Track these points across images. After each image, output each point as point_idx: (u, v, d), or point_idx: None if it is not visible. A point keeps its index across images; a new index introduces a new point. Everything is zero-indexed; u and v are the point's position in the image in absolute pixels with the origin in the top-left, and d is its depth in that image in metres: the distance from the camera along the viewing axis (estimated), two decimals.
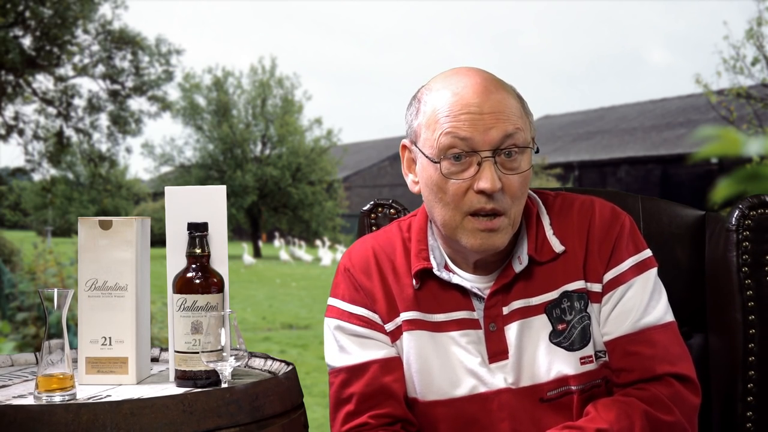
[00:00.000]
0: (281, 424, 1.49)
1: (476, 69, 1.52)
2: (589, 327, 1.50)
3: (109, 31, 16.09)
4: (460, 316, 1.53)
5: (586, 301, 1.50)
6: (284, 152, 26.30)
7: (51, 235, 21.79)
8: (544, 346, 1.50)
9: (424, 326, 1.53)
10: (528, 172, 1.48)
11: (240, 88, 27.13)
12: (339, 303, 1.58)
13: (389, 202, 1.90)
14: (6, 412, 1.32)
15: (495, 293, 1.52)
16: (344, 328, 1.56)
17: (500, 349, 1.51)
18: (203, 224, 1.61)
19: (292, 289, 13.93)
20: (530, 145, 1.48)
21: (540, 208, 1.57)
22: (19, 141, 16.27)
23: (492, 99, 1.46)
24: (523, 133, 1.46)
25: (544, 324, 1.50)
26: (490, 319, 1.51)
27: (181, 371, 1.58)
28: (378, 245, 1.60)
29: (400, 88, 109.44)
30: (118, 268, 1.60)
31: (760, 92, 10.98)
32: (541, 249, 1.52)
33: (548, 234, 1.53)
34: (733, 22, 13.03)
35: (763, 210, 1.74)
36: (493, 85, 1.48)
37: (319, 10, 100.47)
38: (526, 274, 1.51)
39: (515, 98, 1.49)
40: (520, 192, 1.47)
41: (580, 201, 1.57)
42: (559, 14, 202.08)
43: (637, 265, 1.52)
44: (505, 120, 1.45)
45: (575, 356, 1.49)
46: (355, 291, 1.57)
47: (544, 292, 1.51)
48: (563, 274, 1.51)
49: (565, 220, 1.55)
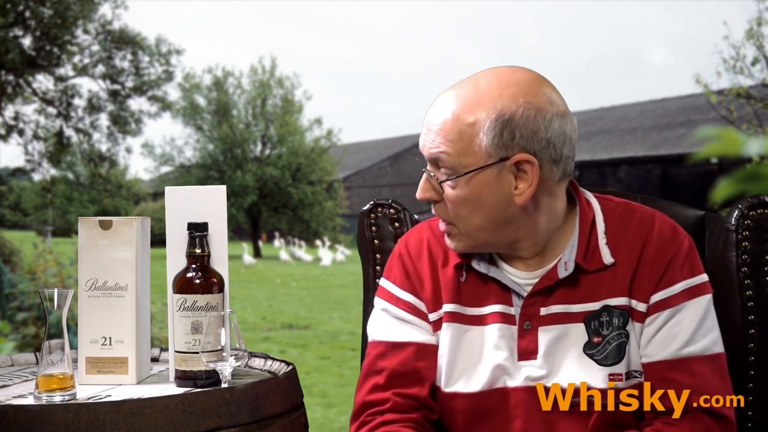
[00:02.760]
0: (281, 424, 1.49)
1: (479, 74, 1.49)
2: (625, 345, 1.47)
3: (109, 31, 16.09)
4: (496, 309, 1.52)
5: (627, 319, 1.48)
6: (284, 152, 26.30)
7: (51, 235, 21.77)
8: (576, 354, 1.48)
9: (461, 319, 1.54)
10: (462, 194, 1.45)
11: (240, 88, 27.13)
12: (389, 286, 1.61)
13: (389, 202, 1.90)
14: (6, 412, 1.32)
15: (536, 293, 1.50)
16: (390, 311, 1.59)
17: (530, 348, 1.50)
18: (203, 224, 1.61)
19: (292, 289, 13.92)
20: (458, 171, 1.44)
21: (597, 214, 1.53)
22: (19, 141, 16.28)
23: (434, 114, 1.47)
24: (449, 158, 1.44)
25: (581, 333, 1.48)
26: (525, 317, 1.50)
27: (181, 371, 1.58)
28: (432, 234, 1.61)
29: (400, 88, 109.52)
30: (118, 268, 1.60)
31: (760, 92, 10.97)
32: (591, 258, 1.50)
33: (600, 243, 1.51)
34: (733, 22, 13.03)
35: (763, 210, 1.74)
36: (450, 101, 1.46)
37: (319, 10, 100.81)
38: (570, 280, 1.49)
39: (458, 120, 1.43)
40: (455, 211, 1.47)
41: (641, 213, 1.54)
42: (559, 14, 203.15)
43: (690, 290, 1.49)
44: (433, 139, 1.46)
45: (605, 371, 1.47)
46: (406, 277, 1.59)
47: (585, 301, 1.49)
48: (608, 287, 1.49)
49: (621, 232, 1.51)
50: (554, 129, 1.43)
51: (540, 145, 1.43)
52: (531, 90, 1.44)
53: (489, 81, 1.45)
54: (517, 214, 1.47)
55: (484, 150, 1.43)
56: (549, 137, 1.43)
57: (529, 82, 1.45)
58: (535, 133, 1.42)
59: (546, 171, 1.44)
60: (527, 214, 1.47)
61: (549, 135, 1.43)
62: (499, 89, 1.43)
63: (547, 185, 1.47)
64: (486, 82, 1.45)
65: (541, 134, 1.43)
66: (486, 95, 1.43)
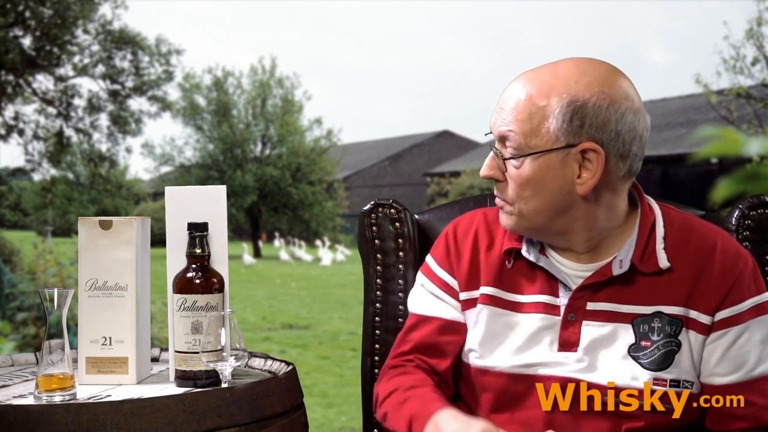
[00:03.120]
0: (281, 424, 1.49)
1: (559, 61, 1.48)
2: (675, 354, 1.46)
3: (109, 31, 16.09)
4: (541, 299, 1.52)
5: (680, 328, 1.47)
6: (284, 152, 26.30)
7: (51, 235, 21.77)
8: (620, 355, 1.47)
9: (500, 303, 1.55)
10: (525, 174, 1.46)
11: (240, 88, 27.12)
12: (430, 262, 1.65)
13: (389, 202, 1.90)
14: (6, 412, 1.32)
15: (585, 287, 1.50)
16: (425, 286, 1.64)
17: (572, 340, 1.49)
18: (203, 224, 1.61)
19: (292, 289, 13.92)
20: (523, 151, 1.44)
21: (658, 219, 1.53)
22: (19, 141, 16.28)
23: (507, 95, 1.48)
24: (517, 136, 1.44)
25: (628, 334, 1.47)
26: (571, 309, 1.50)
27: (181, 371, 1.58)
28: (485, 220, 1.63)
29: (400, 88, 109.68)
30: (118, 268, 1.60)
31: (760, 92, 10.96)
32: (647, 260, 1.49)
33: (658, 247, 1.50)
34: (733, 22, 13.03)
35: (763, 210, 1.74)
36: (526, 83, 1.46)
37: (319, 10, 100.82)
38: (623, 279, 1.48)
39: (530, 101, 1.44)
40: (517, 192, 1.47)
41: (706, 227, 1.54)
42: (559, 14, 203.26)
43: (757, 307, 1.48)
44: (504, 118, 1.47)
45: (650, 375, 1.46)
46: (446, 255, 1.62)
47: (637, 303, 1.48)
48: (662, 294, 1.48)
49: (680, 240, 1.51)
50: (626, 123, 1.43)
51: (609, 137, 1.42)
52: (608, 81, 1.44)
53: (567, 67, 1.46)
54: (576, 203, 1.46)
55: (552, 133, 1.43)
56: (619, 130, 1.42)
57: (607, 73, 1.45)
58: (605, 124, 1.42)
59: (611, 164, 1.44)
60: (587, 205, 1.47)
61: (619, 128, 1.42)
62: (575, 76, 1.44)
63: (610, 180, 1.46)
64: (564, 68, 1.46)
65: (611, 126, 1.42)
66: (562, 80, 1.44)
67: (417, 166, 35.39)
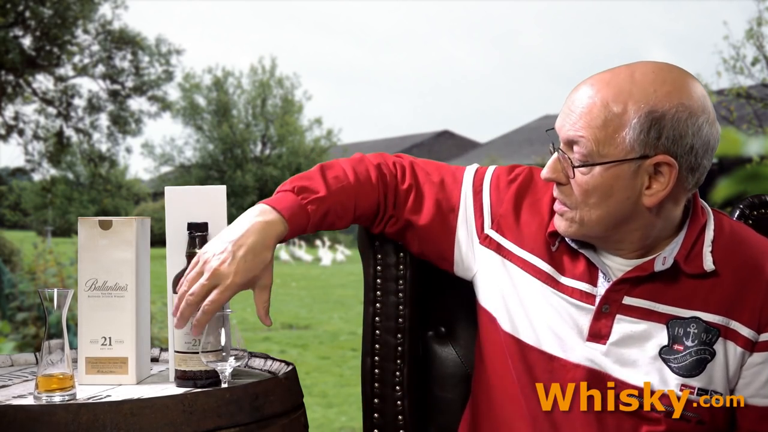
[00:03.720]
0: (281, 424, 1.49)
1: (636, 64, 1.43)
2: (707, 362, 1.43)
3: (109, 31, 16.10)
4: (579, 286, 1.49)
5: (716, 337, 1.43)
6: (284, 152, 26.33)
7: (51, 235, 21.77)
8: (651, 355, 1.44)
9: (545, 278, 1.52)
10: (593, 182, 1.41)
11: (240, 88, 27.16)
12: (487, 176, 1.63)
13: None
14: (6, 412, 1.32)
15: (625, 280, 1.46)
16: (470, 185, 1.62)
17: (603, 332, 1.46)
18: (203, 224, 1.61)
19: (292, 289, 13.91)
20: (594, 159, 1.39)
21: (709, 222, 1.50)
22: (19, 141, 16.30)
23: (578, 97, 1.43)
24: (589, 143, 1.39)
25: (661, 335, 1.44)
26: (606, 301, 1.46)
27: (181, 371, 1.58)
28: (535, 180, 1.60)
29: (400, 88, 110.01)
30: (118, 268, 1.60)
31: (760, 92, 10.97)
32: (692, 260, 1.45)
33: (705, 249, 1.46)
34: (733, 22, 13.04)
35: (763, 210, 1.74)
36: (601, 86, 1.41)
37: (319, 10, 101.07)
38: (664, 276, 1.45)
39: (606, 107, 1.39)
40: (582, 198, 1.43)
41: (757, 238, 1.51)
42: (559, 14, 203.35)
43: None
44: (575, 121, 1.41)
45: (678, 380, 1.43)
46: (504, 188, 1.60)
47: (675, 305, 1.45)
48: (703, 299, 1.44)
49: (730, 247, 1.47)
50: (701, 137, 1.39)
51: (683, 150, 1.39)
52: (687, 92, 1.39)
53: (645, 74, 1.40)
54: (638, 215, 1.43)
55: (627, 143, 1.38)
56: (694, 143, 1.39)
57: (686, 83, 1.40)
58: (682, 137, 1.38)
59: (681, 177, 1.40)
60: (649, 216, 1.43)
61: (695, 141, 1.39)
62: (654, 84, 1.38)
63: (675, 192, 1.42)
64: (642, 74, 1.40)
65: (687, 139, 1.38)
66: (640, 88, 1.38)
67: None
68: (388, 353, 1.78)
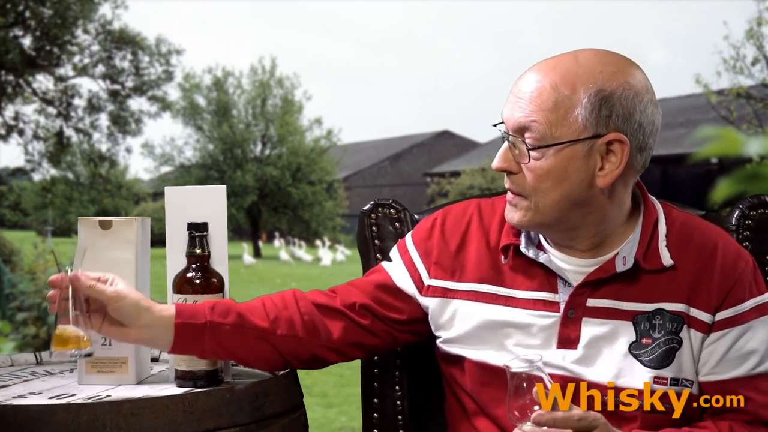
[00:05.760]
0: (281, 424, 1.49)
1: (577, 51, 1.46)
2: (676, 351, 1.45)
3: (109, 31, 16.10)
4: (540, 296, 1.50)
5: (681, 325, 1.45)
6: (284, 152, 26.31)
7: (51, 235, 21.78)
8: (621, 352, 1.46)
9: (495, 300, 1.52)
10: (547, 166, 1.42)
11: (240, 88, 27.14)
12: (408, 240, 1.63)
13: (389, 202, 1.90)
14: (6, 412, 1.32)
15: (587, 284, 1.47)
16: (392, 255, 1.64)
17: (572, 337, 1.47)
18: (203, 224, 1.61)
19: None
20: (547, 141, 1.40)
21: (660, 217, 1.52)
22: (19, 141, 16.29)
23: (525, 83, 1.44)
24: (540, 126, 1.40)
25: (629, 332, 1.46)
26: (571, 306, 1.48)
27: (181, 371, 1.58)
28: (479, 210, 1.60)
29: (400, 88, 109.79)
30: (118, 268, 1.60)
31: (760, 92, 10.96)
32: (650, 257, 1.47)
33: (660, 245, 1.48)
34: (733, 22, 12.99)
35: (763, 210, 1.74)
36: (547, 71, 1.43)
37: (319, 10, 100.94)
38: (625, 276, 1.47)
39: (555, 89, 1.40)
40: (535, 184, 1.43)
41: (707, 226, 1.53)
42: (559, 14, 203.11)
43: (758, 307, 1.48)
44: (524, 107, 1.42)
45: (650, 373, 1.45)
46: (426, 240, 1.60)
47: (638, 300, 1.47)
48: (664, 291, 1.47)
49: (683, 238, 1.50)
50: (647, 115, 1.42)
51: (633, 128, 1.41)
52: (630, 72, 1.43)
53: (589, 57, 1.44)
54: (593, 198, 1.44)
55: (579, 123, 1.40)
56: (642, 121, 1.42)
57: (627, 65, 1.44)
58: (631, 115, 1.41)
59: (631, 156, 1.42)
60: (602, 198, 1.45)
61: (642, 119, 1.42)
62: (599, 65, 1.42)
63: (626, 173, 1.44)
64: (586, 58, 1.43)
65: (635, 117, 1.41)
66: (586, 69, 1.41)
67: (417, 166, 35.40)
68: (387, 353, 1.78)
